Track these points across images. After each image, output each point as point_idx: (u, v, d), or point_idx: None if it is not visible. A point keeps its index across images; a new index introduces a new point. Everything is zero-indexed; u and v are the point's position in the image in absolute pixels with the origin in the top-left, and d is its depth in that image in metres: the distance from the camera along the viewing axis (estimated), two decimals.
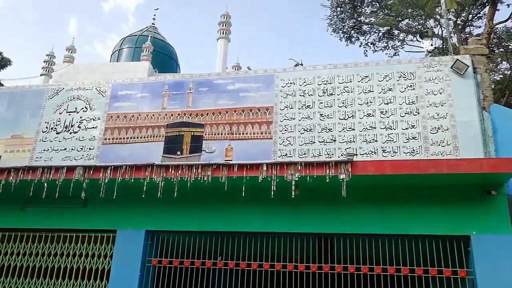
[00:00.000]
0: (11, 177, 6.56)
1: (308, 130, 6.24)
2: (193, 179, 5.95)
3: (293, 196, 5.58)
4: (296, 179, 5.60)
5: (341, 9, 19.43)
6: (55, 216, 7.06)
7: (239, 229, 6.32)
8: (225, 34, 26.60)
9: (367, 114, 6.15)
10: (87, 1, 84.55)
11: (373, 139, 5.98)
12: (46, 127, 7.31)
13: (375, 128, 6.06)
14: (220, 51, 26.12)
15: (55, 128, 7.27)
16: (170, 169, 6.07)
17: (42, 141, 7.22)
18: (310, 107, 6.38)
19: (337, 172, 5.52)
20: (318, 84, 6.51)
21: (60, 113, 7.39)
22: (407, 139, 5.87)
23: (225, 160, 6.26)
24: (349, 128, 6.13)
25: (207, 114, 6.79)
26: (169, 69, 22.81)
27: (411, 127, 5.92)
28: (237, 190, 5.87)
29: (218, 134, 6.62)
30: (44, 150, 7.13)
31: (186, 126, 6.79)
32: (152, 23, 26.95)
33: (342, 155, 5.89)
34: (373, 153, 5.91)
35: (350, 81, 6.40)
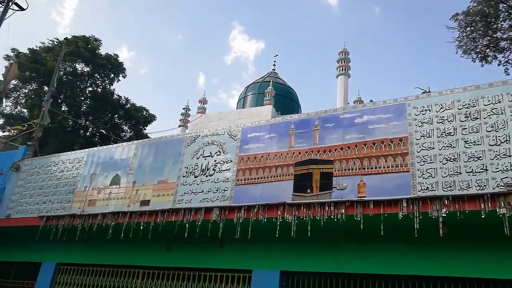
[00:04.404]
0: (158, 219, 7.21)
1: (451, 160, 5.55)
2: (326, 217, 5.73)
3: (441, 235, 4.94)
4: (443, 215, 4.97)
5: (472, 28, 17.79)
6: (195, 256, 7.47)
7: (379, 272, 5.82)
8: (345, 70, 26.46)
9: None
10: (211, 57, 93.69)
11: None
12: (186, 172, 7.92)
13: None
14: (340, 87, 25.96)
15: (193, 172, 7.83)
16: (302, 208, 5.97)
17: (183, 185, 7.81)
18: (451, 134, 5.72)
19: (494, 206, 4.75)
20: (459, 109, 5.83)
21: (197, 158, 7.97)
22: None
23: (358, 197, 5.90)
24: (504, 154, 5.27)
25: (335, 150, 6.59)
26: (290, 111, 23.45)
27: None
28: (374, 229, 5.45)
29: (349, 169, 6.33)
30: (185, 193, 7.68)
31: (315, 163, 6.67)
32: (273, 69, 28.33)
33: (498, 186, 5.07)
34: None
35: (499, 102, 5.59)
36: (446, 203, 5.00)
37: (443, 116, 5.89)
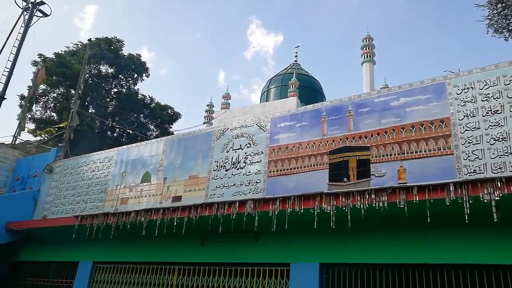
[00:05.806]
0: (191, 214, 7.10)
1: (500, 140, 5.18)
2: (367, 206, 5.48)
3: (495, 220, 4.61)
4: (496, 198, 4.63)
5: (503, 4, 16.90)
6: (230, 250, 7.34)
7: (427, 261, 5.52)
8: (370, 57, 25.81)
9: None
10: (230, 53, 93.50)
11: None
12: (216, 166, 7.78)
13: None
14: (366, 74, 25.37)
15: (224, 165, 7.69)
16: (340, 197, 5.73)
17: (214, 179, 7.68)
18: (498, 112, 5.33)
19: None
20: (505, 84, 5.43)
21: (227, 152, 7.81)
22: None
23: (399, 183, 5.61)
24: None
25: (371, 135, 6.29)
26: (315, 102, 22.99)
27: None
28: (419, 216, 5.17)
29: (387, 155, 6.03)
30: (216, 187, 7.55)
31: (350, 151, 6.40)
32: (295, 60, 27.86)
33: None
34: None
35: None
36: (499, 185, 4.66)
37: (488, 94, 5.52)
